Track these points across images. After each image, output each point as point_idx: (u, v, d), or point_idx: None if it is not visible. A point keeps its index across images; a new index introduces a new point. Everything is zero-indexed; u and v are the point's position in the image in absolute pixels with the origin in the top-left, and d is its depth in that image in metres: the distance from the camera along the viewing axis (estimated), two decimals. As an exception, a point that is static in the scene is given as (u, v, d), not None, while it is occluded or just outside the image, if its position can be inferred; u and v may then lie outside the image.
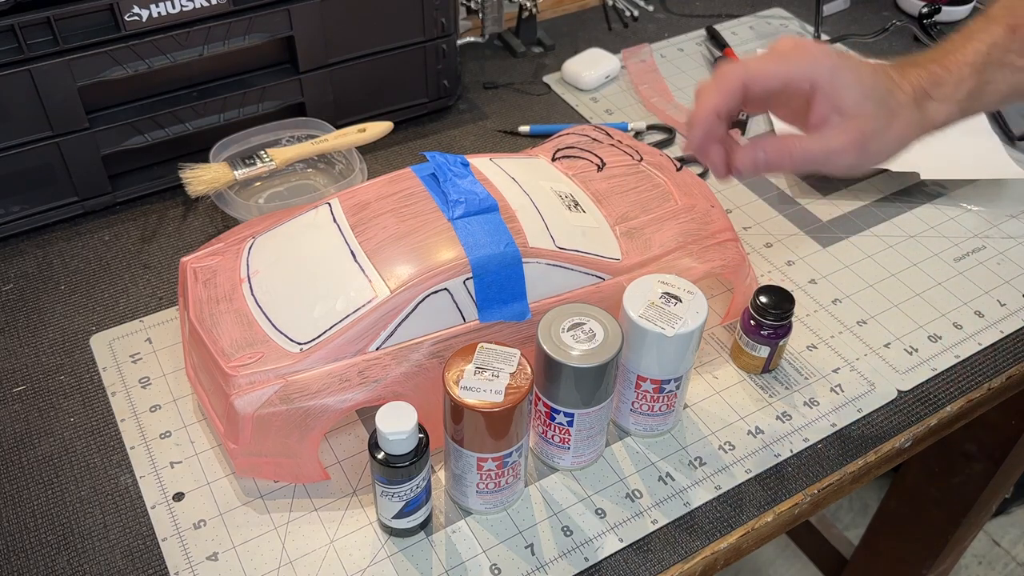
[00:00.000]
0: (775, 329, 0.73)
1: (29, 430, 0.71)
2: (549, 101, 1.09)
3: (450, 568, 0.64)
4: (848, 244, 0.90)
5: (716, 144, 0.62)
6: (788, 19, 1.24)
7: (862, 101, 0.59)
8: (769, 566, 1.77)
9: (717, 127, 0.61)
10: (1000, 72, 0.61)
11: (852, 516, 1.85)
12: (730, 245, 0.77)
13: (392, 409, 0.59)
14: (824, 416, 0.74)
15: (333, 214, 0.71)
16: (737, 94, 0.60)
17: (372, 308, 0.64)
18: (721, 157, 0.62)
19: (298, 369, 0.64)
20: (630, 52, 1.15)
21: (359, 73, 0.97)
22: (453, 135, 1.03)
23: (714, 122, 0.60)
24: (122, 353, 0.77)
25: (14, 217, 0.87)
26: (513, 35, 1.17)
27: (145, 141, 0.88)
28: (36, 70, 0.79)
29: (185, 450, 0.70)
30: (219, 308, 0.68)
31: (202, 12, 0.83)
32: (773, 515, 0.68)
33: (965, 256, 0.89)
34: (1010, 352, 0.80)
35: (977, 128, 1.02)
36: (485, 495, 0.65)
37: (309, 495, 0.67)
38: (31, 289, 0.83)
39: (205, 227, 0.90)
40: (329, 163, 0.94)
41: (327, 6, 0.90)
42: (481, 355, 0.61)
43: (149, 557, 0.64)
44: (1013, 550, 1.82)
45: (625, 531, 0.66)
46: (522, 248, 0.67)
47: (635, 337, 0.65)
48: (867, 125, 0.59)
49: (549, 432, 0.67)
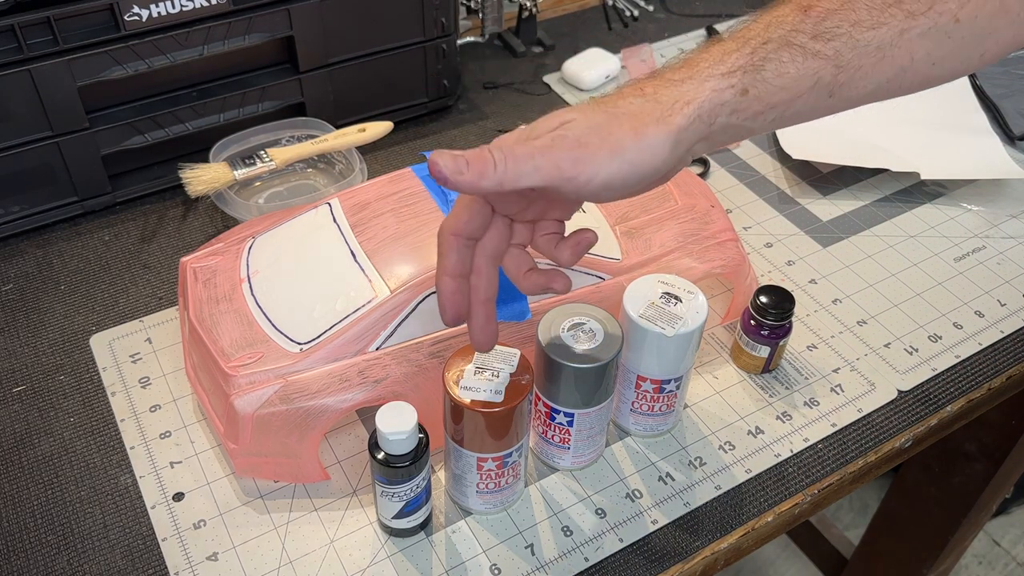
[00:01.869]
0: (775, 329, 0.73)
1: (29, 430, 0.71)
2: (549, 101, 1.09)
3: (450, 568, 0.64)
4: (848, 244, 0.90)
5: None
6: (788, 19, 1.24)
7: (563, 114, 0.50)
8: (769, 566, 1.77)
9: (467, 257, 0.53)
10: (787, 51, 0.50)
11: (852, 516, 1.85)
12: (730, 245, 0.77)
13: (392, 409, 0.59)
14: (824, 416, 0.74)
15: (333, 214, 0.71)
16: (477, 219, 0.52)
17: (372, 308, 0.64)
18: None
19: (298, 369, 0.64)
20: (630, 52, 1.15)
21: (359, 73, 0.97)
22: (453, 135, 1.03)
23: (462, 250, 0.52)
24: (122, 353, 0.77)
25: (14, 217, 0.87)
26: (513, 35, 1.17)
27: (145, 141, 0.88)
28: (36, 70, 0.79)
29: (185, 450, 0.70)
30: (219, 308, 0.68)
31: (202, 12, 0.83)
32: (773, 515, 0.68)
33: (965, 256, 0.89)
34: (1010, 352, 0.80)
35: (977, 128, 1.02)
36: (485, 495, 0.65)
37: (309, 495, 0.67)
38: (31, 289, 0.83)
39: (205, 227, 0.90)
40: (329, 163, 0.94)
41: (327, 6, 0.90)
42: (481, 355, 0.61)
43: (149, 557, 0.64)
44: (1013, 550, 1.82)
45: (625, 531, 0.66)
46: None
47: (635, 337, 0.65)
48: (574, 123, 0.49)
49: (549, 432, 0.67)
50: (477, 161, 0.46)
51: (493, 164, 0.47)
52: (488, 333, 0.54)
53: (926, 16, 0.52)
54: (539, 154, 0.47)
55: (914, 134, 1.01)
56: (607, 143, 0.48)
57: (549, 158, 0.47)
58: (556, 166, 0.47)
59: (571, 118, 0.49)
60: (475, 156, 0.47)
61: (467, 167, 0.46)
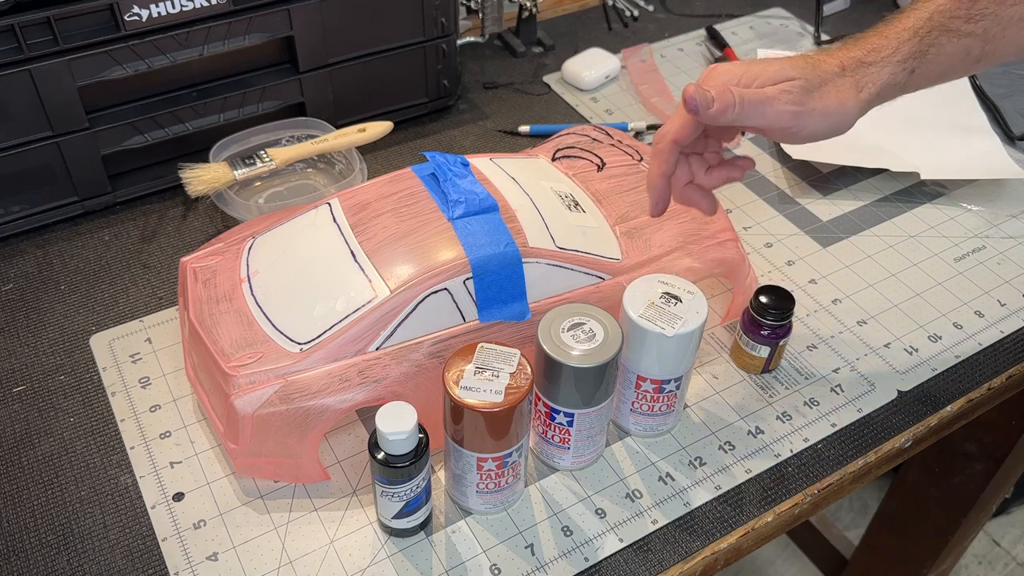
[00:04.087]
0: (775, 329, 0.73)
1: (29, 430, 0.71)
2: (549, 101, 1.09)
3: (450, 568, 0.64)
4: (848, 244, 0.90)
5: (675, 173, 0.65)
6: (788, 19, 1.24)
7: (785, 70, 0.61)
8: (769, 566, 1.77)
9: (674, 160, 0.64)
10: (946, 36, 0.63)
11: (852, 516, 1.85)
12: (730, 245, 0.77)
13: (392, 409, 0.59)
14: (824, 416, 0.74)
15: (333, 214, 0.71)
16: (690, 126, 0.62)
17: (372, 308, 0.64)
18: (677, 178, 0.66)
19: (298, 369, 0.64)
20: (630, 52, 1.15)
21: (359, 73, 0.97)
22: (453, 135, 1.03)
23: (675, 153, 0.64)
24: (122, 353, 0.77)
25: (14, 217, 0.87)
26: (513, 35, 1.17)
27: (145, 141, 0.88)
28: (36, 70, 0.79)
29: (185, 450, 0.70)
30: (219, 308, 0.68)
31: (202, 12, 0.83)
32: (773, 515, 0.68)
33: (965, 256, 0.89)
34: (1010, 352, 0.80)
35: (977, 128, 1.02)
36: (485, 495, 0.65)
37: (309, 495, 0.67)
38: (31, 289, 0.83)
39: (205, 227, 0.90)
40: (329, 163, 0.94)
41: (327, 6, 0.90)
42: (481, 355, 0.61)
43: (149, 557, 0.64)
44: (1013, 550, 1.82)
45: (625, 531, 0.66)
46: (522, 248, 0.67)
47: (635, 337, 0.65)
48: (797, 82, 0.61)
49: (549, 432, 0.67)
50: (721, 98, 0.59)
51: (734, 104, 0.59)
52: (669, 200, 0.66)
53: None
54: (769, 103, 0.60)
55: (914, 134, 1.01)
56: (820, 105, 0.61)
57: (776, 108, 0.60)
58: (780, 116, 0.60)
59: (792, 75, 0.61)
60: (720, 93, 0.59)
61: (713, 103, 0.59)
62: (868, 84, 0.62)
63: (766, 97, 0.60)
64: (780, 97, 0.60)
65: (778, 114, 0.60)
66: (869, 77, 0.62)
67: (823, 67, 0.62)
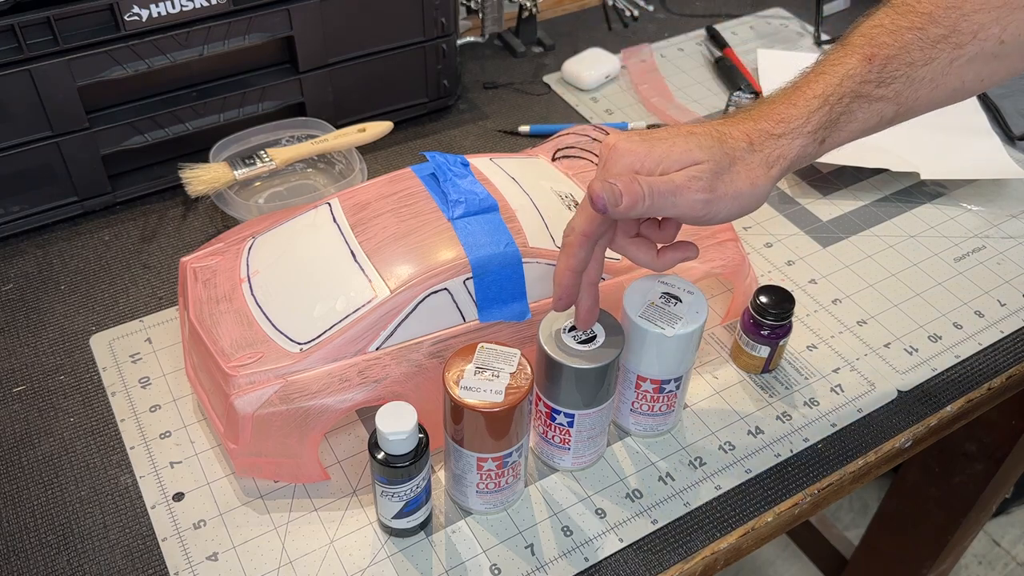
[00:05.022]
0: (775, 329, 0.73)
1: (29, 430, 0.71)
2: (549, 101, 1.09)
3: (450, 568, 0.64)
4: (848, 244, 0.90)
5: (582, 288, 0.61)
6: (788, 19, 1.24)
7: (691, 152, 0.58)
8: (769, 566, 1.77)
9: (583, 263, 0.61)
10: (857, 103, 0.60)
11: (852, 516, 1.85)
12: (730, 245, 0.77)
13: (392, 409, 0.59)
14: (824, 416, 0.74)
15: (333, 214, 0.71)
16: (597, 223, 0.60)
17: (372, 308, 0.64)
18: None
19: (298, 369, 0.64)
20: (630, 52, 1.15)
21: (359, 73, 0.97)
22: (453, 135, 1.03)
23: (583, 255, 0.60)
24: (122, 353, 0.77)
25: (14, 217, 0.87)
26: (513, 35, 1.17)
27: (145, 141, 0.88)
28: (36, 70, 0.79)
29: (185, 450, 0.70)
30: (219, 308, 0.68)
31: (202, 12, 0.83)
32: (773, 515, 0.68)
33: (965, 256, 0.89)
34: (1010, 352, 0.80)
35: (977, 128, 1.02)
36: (485, 495, 0.65)
37: (309, 495, 0.67)
38: (31, 289, 0.83)
39: (205, 227, 0.90)
40: (329, 163, 0.94)
41: (327, 6, 0.90)
42: (481, 355, 0.61)
43: (149, 557, 0.64)
44: (1013, 550, 1.82)
45: (625, 531, 0.66)
46: (522, 248, 0.67)
47: (635, 337, 0.65)
48: (704, 166, 0.58)
49: (549, 433, 0.67)
50: (630, 192, 0.56)
51: (643, 197, 0.56)
52: (595, 312, 0.63)
53: (972, 44, 0.60)
54: (679, 192, 0.57)
55: (914, 134, 1.00)
56: (730, 189, 0.58)
57: (686, 198, 0.57)
58: (691, 206, 0.58)
59: (700, 158, 0.58)
60: (627, 186, 0.56)
61: (622, 198, 0.56)
62: (779, 160, 0.59)
63: (675, 186, 0.57)
64: (690, 185, 0.57)
65: (690, 204, 0.57)
66: (779, 150, 0.59)
67: (730, 144, 0.59)
